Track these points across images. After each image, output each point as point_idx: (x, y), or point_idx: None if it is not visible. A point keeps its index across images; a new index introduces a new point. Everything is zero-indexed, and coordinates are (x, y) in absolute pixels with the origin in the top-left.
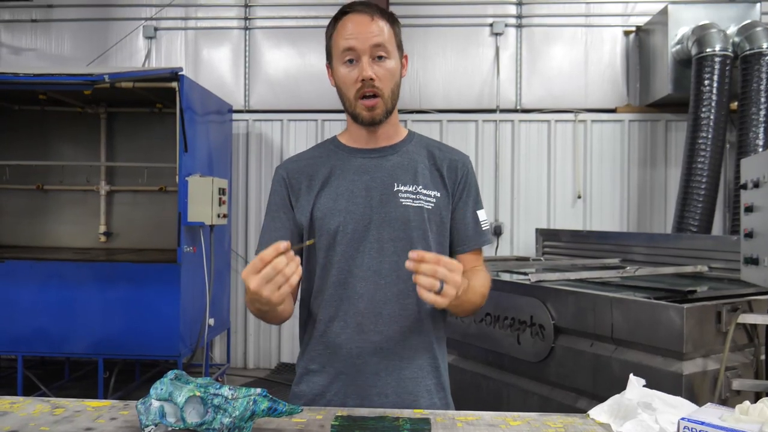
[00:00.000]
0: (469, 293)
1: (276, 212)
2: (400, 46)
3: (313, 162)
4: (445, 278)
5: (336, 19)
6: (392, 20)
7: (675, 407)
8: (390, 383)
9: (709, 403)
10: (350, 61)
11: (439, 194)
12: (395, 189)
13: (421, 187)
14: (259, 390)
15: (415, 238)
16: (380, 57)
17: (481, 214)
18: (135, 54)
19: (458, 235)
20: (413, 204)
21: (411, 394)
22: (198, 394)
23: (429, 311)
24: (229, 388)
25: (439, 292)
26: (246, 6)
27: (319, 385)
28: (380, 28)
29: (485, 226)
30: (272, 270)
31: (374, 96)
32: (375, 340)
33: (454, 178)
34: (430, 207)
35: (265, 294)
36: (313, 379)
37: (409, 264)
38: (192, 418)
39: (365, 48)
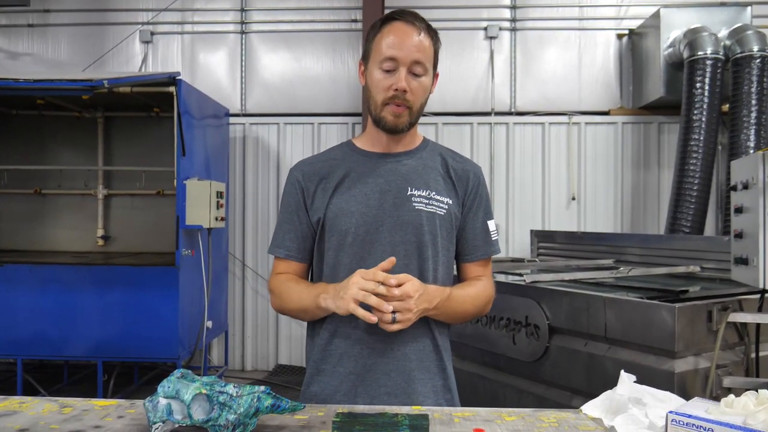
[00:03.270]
0: (452, 302)
1: (290, 214)
2: (435, 64)
3: (328, 164)
4: (396, 308)
5: (383, 23)
6: (435, 38)
7: (664, 402)
8: (400, 383)
9: (696, 398)
10: (388, 69)
11: (450, 201)
12: (408, 193)
13: (434, 192)
14: (262, 388)
15: (426, 243)
16: (417, 74)
17: (491, 224)
18: (131, 59)
19: (467, 244)
20: (426, 209)
21: (420, 395)
22: (204, 391)
23: None
24: (234, 386)
25: (393, 322)
26: (242, 10)
27: (330, 386)
28: (424, 46)
29: (494, 236)
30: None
31: (403, 106)
32: (385, 341)
33: (465, 187)
34: (442, 213)
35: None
36: (323, 380)
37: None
38: (198, 415)
39: (406, 61)
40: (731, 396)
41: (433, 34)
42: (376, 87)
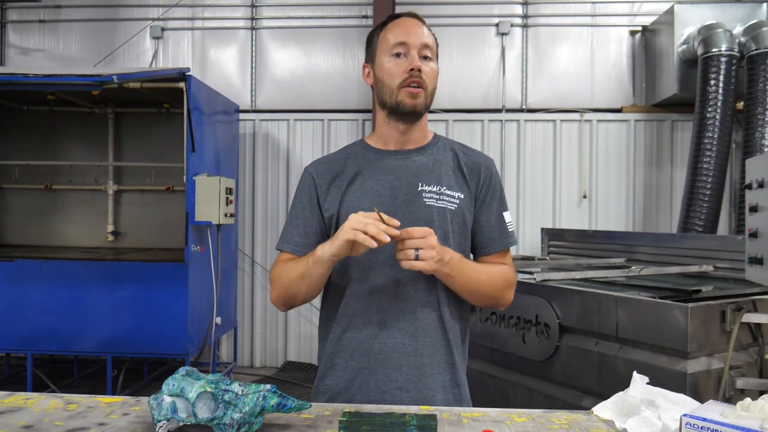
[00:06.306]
0: (466, 266)
1: (301, 210)
2: (437, 58)
3: (341, 162)
4: (417, 245)
5: (385, 23)
6: (434, 35)
7: (678, 404)
8: (411, 378)
9: (711, 400)
10: (398, 54)
11: (462, 196)
12: (419, 189)
13: (445, 188)
14: (268, 386)
15: (437, 238)
16: (426, 57)
17: (507, 216)
18: (142, 54)
19: (483, 236)
20: (436, 204)
21: (430, 390)
22: (209, 389)
23: (449, 309)
24: (239, 384)
25: (416, 259)
26: (252, 6)
27: (344, 380)
28: (428, 33)
29: (510, 228)
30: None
31: (419, 86)
32: (397, 336)
33: (478, 180)
34: (453, 208)
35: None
36: (337, 374)
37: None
38: (203, 413)
39: (416, 44)
40: (747, 399)
41: (431, 31)
42: (389, 75)
